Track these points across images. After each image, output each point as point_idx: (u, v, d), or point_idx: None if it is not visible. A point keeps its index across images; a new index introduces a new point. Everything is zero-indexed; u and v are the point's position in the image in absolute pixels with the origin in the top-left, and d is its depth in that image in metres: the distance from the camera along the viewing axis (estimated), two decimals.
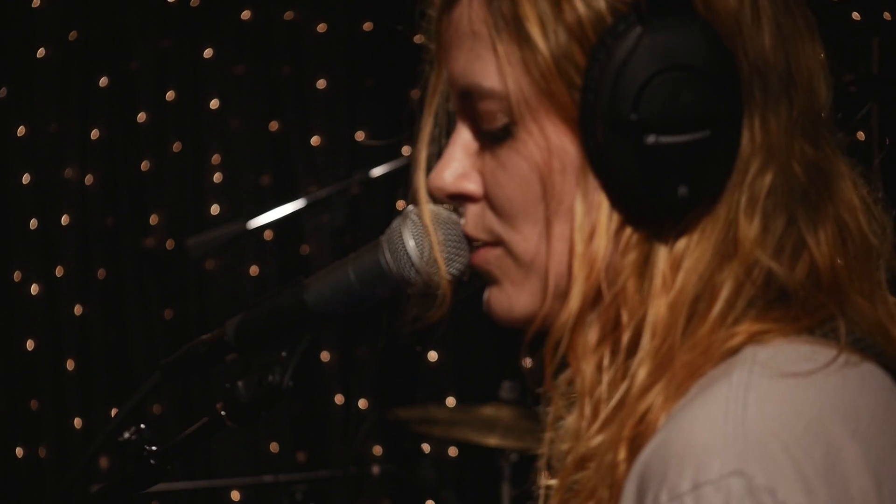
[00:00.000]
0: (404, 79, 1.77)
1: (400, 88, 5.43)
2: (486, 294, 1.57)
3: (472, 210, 1.55)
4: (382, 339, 1.69)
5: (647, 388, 1.39)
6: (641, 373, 1.40)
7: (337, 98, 5.96)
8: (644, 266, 1.43)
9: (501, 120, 1.47)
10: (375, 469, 5.19)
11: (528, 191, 1.47)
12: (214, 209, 5.94)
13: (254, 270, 5.97)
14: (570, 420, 1.50)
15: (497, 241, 1.52)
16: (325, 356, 5.92)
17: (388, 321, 1.63)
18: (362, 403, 5.92)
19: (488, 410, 4.68)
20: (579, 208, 1.43)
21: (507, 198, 1.49)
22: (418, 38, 1.60)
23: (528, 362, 1.52)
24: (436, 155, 1.58)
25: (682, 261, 1.41)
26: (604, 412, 1.42)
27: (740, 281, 1.40)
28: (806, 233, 1.44)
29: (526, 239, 1.48)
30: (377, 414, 5.75)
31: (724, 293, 1.40)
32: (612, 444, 1.40)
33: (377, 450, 5.93)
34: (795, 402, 1.31)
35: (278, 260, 6.00)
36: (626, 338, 1.43)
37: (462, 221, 1.58)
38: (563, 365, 1.49)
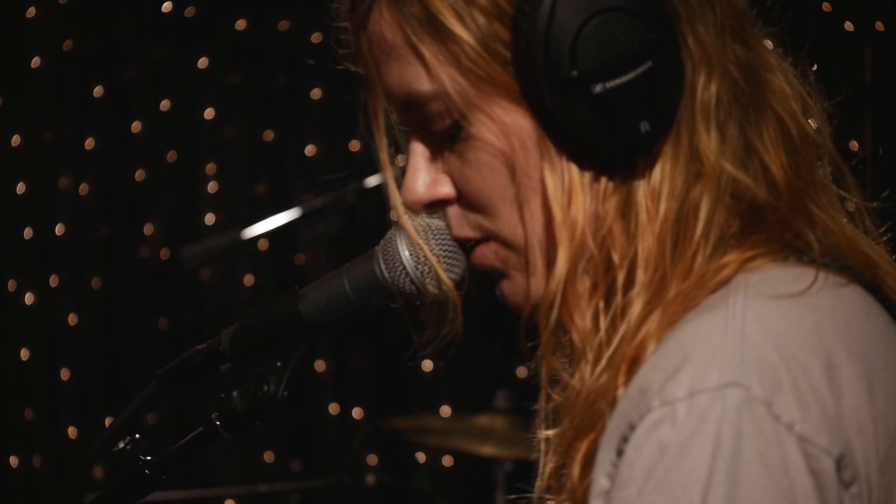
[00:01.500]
0: None
1: None
2: (497, 290, 1.57)
3: (452, 212, 1.55)
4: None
5: (643, 318, 1.40)
6: (637, 306, 1.41)
7: (332, 107, 5.96)
8: (626, 206, 1.44)
9: (449, 118, 1.47)
10: (370, 478, 5.18)
11: (496, 177, 1.47)
12: (209, 219, 5.94)
13: (248, 280, 5.97)
14: (577, 377, 1.48)
15: (487, 236, 1.52)
16: (319, 365, 5.92)
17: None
18: (357, 413, 5.92)
19: (483, 420, 4.68)
20: (549, 177, 1.44)
21: (479, 190, 1.49)
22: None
23: (523, 371, 1.52)
24: (402, 172, 1.58)
25: (660, 191, 1.42)
26: (606, 353, 1.43)
27: (714, 195, 1.41)
28: (752, 136, 1.45)
29: (510, 224, 1.49)
30: (372, 423, 5.75)
31: (703, 212, 1.41)
32: (611, 382, 1.40)
33: (372, 459, 5.92)
34: (792, 318, 1.32)
35: (273, 269, 6.00)
36: (620, 278, 1.44)
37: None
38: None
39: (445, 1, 1.42)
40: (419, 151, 1.55)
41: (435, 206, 1.56)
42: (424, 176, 1.54)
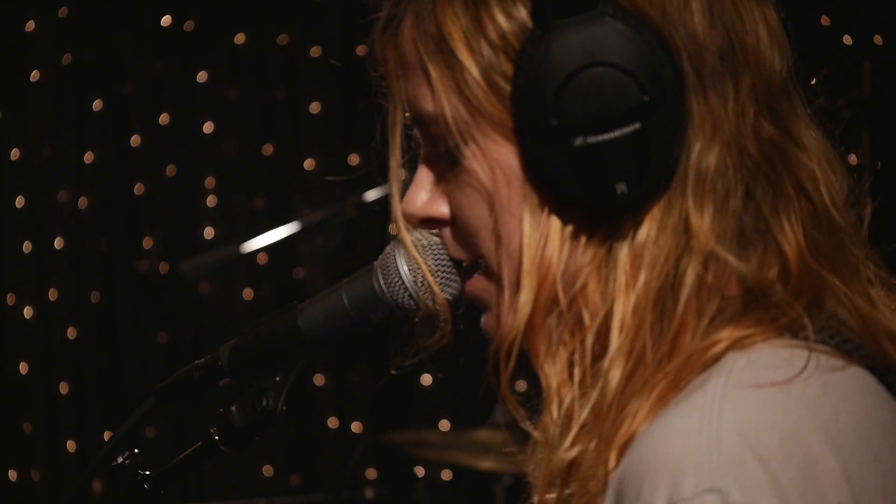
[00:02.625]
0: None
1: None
2: (482, 322, 1.57)
3: (447, 233, 1.55)
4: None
5: (625, 395, 1.37)
6: (614, 374, 1.38)
7: (331, 121, 5.96)
8: (605, 266, 1.41)
9: (447, 143, 1.47)
10: (369, 492, 5.18)
11: (479, 209, 1.46)
12: (208, 232, 5.94)
13: (247, 294, 5.97)
14: (540, 427, 1.47)
15: (476, 259, 1.52)
16: (318, 379, 5.92)
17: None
18: (356, 427, 5.91)
19: (482, 434, 4.68)
20: (527, 219, 1.42)
21: (466, 217, 1.49)
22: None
23: (522, 386, 1.52)
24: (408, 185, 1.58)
25: (642, 256, 1.39)
26: (578, 420, 1.41)
27: (699, 274, 1.38)
28: (768, 213, 1.41)
29: (490, 255, 1.48)
30: (371, 437, 5.74)
31: (686, 289, 1.38)
32: (597, 457, 1.37)
33: (371, 473, 5.92)
34: (772, 412, 1.29)
35: (272, 283, 6.00)
36: (589, 339, 1.42)
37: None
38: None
39: (458, 26, 1.42)
40: (425, 169, 1.55)
41: (430, 224, 1.56)
42: (425, 193, 1.55)
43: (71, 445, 5.85)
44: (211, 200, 5.97)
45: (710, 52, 1.39)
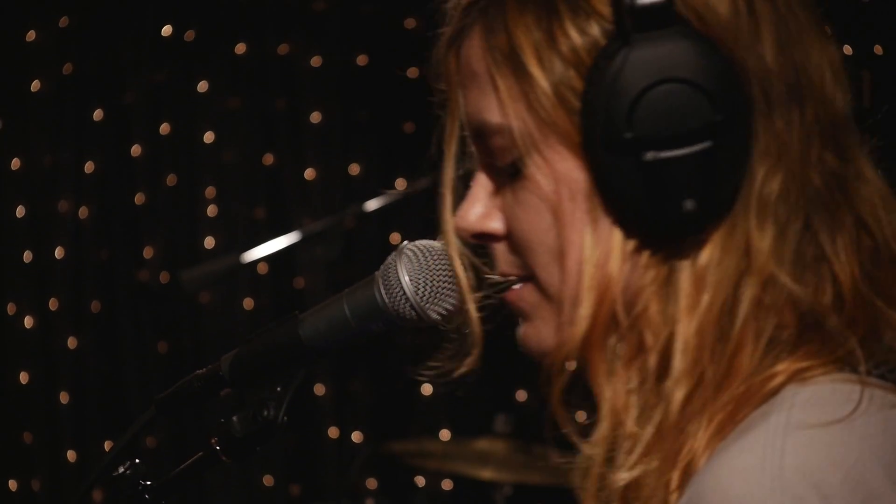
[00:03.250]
0: (398, 112, 1.78)
1: (394, 122, 5.44)
2: (519, 331, 1.56)
3: (499, 248, 1.54)
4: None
5: (685, 416, 1.37)
6: (678, 395, 1.38)
7: (331, 131, 5.97)
8: (667, 286, 1.41)
9: (511, 155, 1.47)
10: (369, 502, 5.18)
11: (541, 223, 1.46)
12: (209, 242, 5.94)
13: (248, 304, 5.97)
14: (592, 443, 1.46)
15: (527, 276, 1.51)
16: (319, 389, 5.91)
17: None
18: (356, 436, 5.91)
19: (482, 444, 4.68)
20: (588, 234, 1.42)
21: (523, 231, 1.48)
22: (412, 73, 1.60)
23: (522, 395, 1.52)
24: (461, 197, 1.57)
25: (705, 278, 1.39)
26: (643, 439, 1.40)
27: (757, 295, 1.38)
28: (824, 242, 1.41)
29: (548, 272, 1.47)
30: (371, 447, 5.74)
31: (742, 310, 1.38)
32: (659, 478, 1.38)
33: (371, 483, 5.91)
34: (834, 449, 1.28)
35: (272, 293, 6.00)
36: (652, 360, 1.41)
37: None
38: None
39: (530, 39, 1.42)
40: (482, 182, 1.55)
41: (483, 238, 1.55)
42: (480, 207, 1.54)
43: (71, 455, 5.84)
44: (211, 210, 5.97)
45: (778, 80, 1.40)
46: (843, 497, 1.25)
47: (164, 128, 5.93)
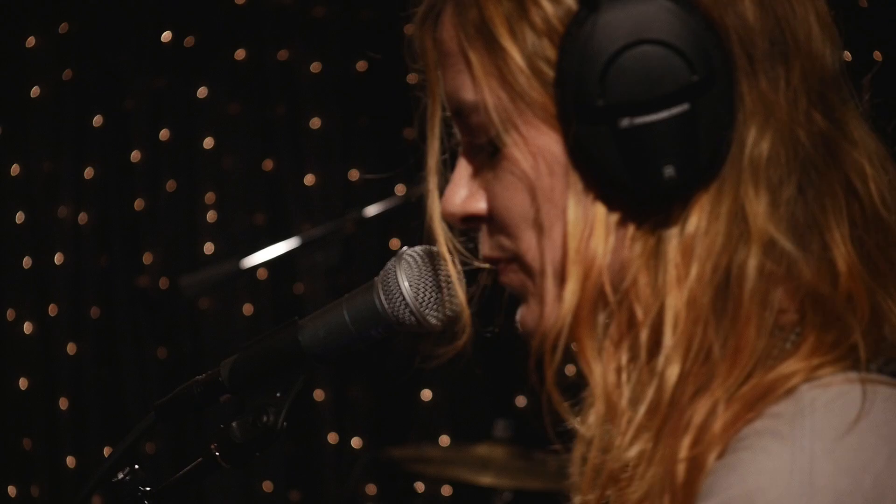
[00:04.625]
0: (398, 118, 1.77)
1: (394, 127, 5.44)
2: (517, 314, 1.52)
3: (485, 230, 1.51)
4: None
5: (686, 393, 1.34)
6: (671, 371, 1.35)
7: (331, 137, 5.97)
8: (655, 258, 1.38)
9: (488, 133, 1.43)
10: None
11: (519, 198, 1.43)
12: (208, 248, 5.94)
13: (248, 309, 5.97)
14: (586, 425, 1.42)
15: (509, 257, 1.48)
16: (318, 395, 5.91)
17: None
18: (356, 442, 5.91)
19: (482, 449, 4.68)
20: (572, 208, 1.38)
21: (504, 209, 1.45)
22: (412, 78, 1.59)
23: (521, 401, 1.51)
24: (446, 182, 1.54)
25: (693, 246, 1.35)
26: (635, 418, 1.37)
27: (761, 262, 1.33)
28: (815, 210, 1.37)
29: (530, 248, 1.44)
30: (371, 453, 5.74)
31: (749, 281, 1.34)
32: (660, 457, 1.34)
33: (371, 489, 5.91)
34: (862, 453, 1.26)
35: (272, 299, 6.00)
36: (643, 335, 1.38)
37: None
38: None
39: (500, 10, 1.39)
40: (464, 165, 1.51)
41: (469, 221, 1.52)
42: (464, 190, 1.50)
43: (71, 461, 5.84)
44: (211, 216, 5.97)
45: (760, 37, 1.36)
46: (874, 500, 1.24)
47: (164, 134, 5.94)
